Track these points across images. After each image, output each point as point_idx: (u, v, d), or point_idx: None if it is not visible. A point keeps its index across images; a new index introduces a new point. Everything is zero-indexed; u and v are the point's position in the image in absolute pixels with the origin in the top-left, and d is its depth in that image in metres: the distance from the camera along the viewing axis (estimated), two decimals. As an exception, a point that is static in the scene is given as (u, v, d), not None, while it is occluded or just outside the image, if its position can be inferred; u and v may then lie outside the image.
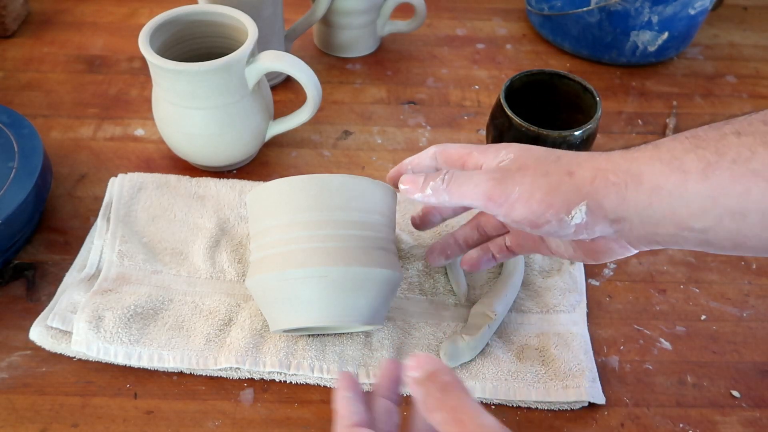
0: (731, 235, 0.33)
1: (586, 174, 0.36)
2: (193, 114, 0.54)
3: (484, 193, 0.37)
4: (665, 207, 0.34)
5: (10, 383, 0.45)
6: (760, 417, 0.46)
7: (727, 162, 0.32)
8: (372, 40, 0.75)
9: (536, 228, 0.37)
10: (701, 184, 0.33)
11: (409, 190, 0.39)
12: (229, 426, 0.44)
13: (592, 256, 0.40)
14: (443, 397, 0.31)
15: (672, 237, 0.35)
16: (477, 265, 0.48)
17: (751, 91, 0.73)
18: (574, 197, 0.35)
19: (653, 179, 0.34)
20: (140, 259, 0.51)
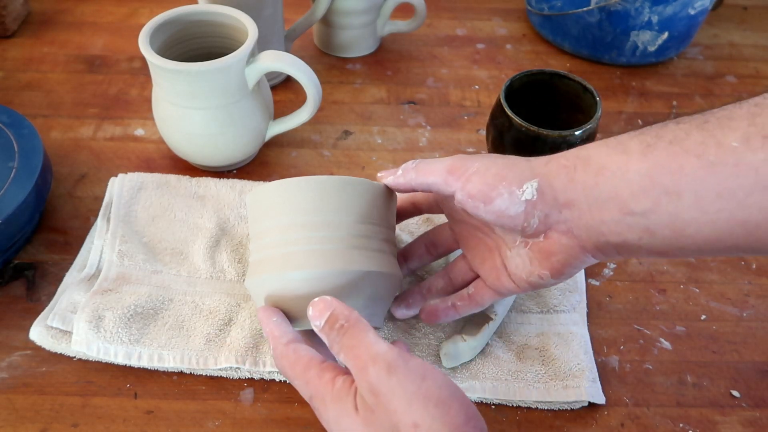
0: (670, 220, 0.34)
1: (542, 159, 0.39)
2: (193, 114, 0.54)
3: (446, 167, 0.39)
4: (609, 187, 0.35)
5: (10, 383, 0.45)
6: (760, 417, 0.46)
7: (664, 143, 0.34)
8: (372, 40, 0.75)
9: (489, 203, 0.38)
10: (640, 163, 0.35)
11: (384, 175, 0.42)
12: (229, 426, 0.44)
13: (548, 263, 0.39)
14: (342, 339, 0.34)
15: (616, 225, 0.36)
16: (435, 316, 0.46)
17: (751, 91, 0.73)
18: (527, 174, 0.38)
19: (599, 161, 0.36)
20: (140, 259, 0.51)
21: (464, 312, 0.45)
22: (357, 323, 0.34)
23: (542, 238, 0.39)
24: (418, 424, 0.30)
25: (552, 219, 0.38)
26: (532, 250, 0.40)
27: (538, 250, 0.39)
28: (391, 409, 0.31)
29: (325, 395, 0.34)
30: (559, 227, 0.38)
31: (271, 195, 0.42)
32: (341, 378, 0.35)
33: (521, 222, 0.38)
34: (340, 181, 0.41)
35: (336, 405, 0.34)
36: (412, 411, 0.31)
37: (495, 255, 0.43)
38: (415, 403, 0.31)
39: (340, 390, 0.34)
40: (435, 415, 0.31)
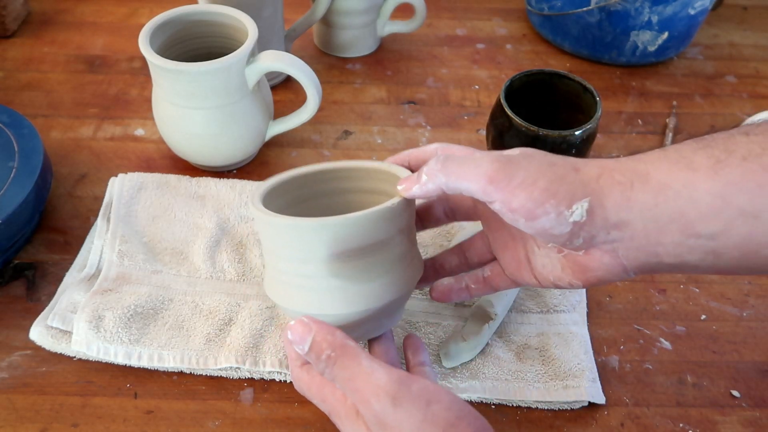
0: (741, 242, 0.32)
1: (593, 171, 0.34)
2: (193, 114, 0.54)
3: (486, 174, 0.34)
4: (672, 208, 0.32)
5: (11, 383, 0.45)
6: (760, 417, 0.46)
7: (737, 159, 0.31)
8: (372, 40, 0.75)
9: (532, 220, 0.34)
10: (711, 182, 0.31)
11: (406, 188, 0.37)
12: (229, 426, 0.44)
13: (582, 276, 0.37)
14: (332, 371, 0.33)
15: (676, 246, 0.33)
16: (447, 295, 0.43)
17: (751, 91, 0.73)
18: (578, 191, 0.33)
19: (660, 177, 0.33)
20: (140, 258, 0.51)
21: (476, 295, 0.43)
22: (344, 351, 0.33)
23: (582, 252, 0.36)
24: None
25: (598, 240, 0.34)
26: (566, 258, 0.37)
27: (574, 262, 0.36)
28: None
29: (340, 411, 0.34)
30: (604, 247, 0.35)
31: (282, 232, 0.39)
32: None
33: (564, 240, 0.35)
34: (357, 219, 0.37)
35: (350, 422, 0.34)
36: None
37: (519, 246, 0.40)
38: (425, 431, 0.30)
39: (351, 407, 0.34)
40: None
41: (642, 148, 0.66)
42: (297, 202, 0.45)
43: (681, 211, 0.32)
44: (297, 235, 0.38)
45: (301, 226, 0.37)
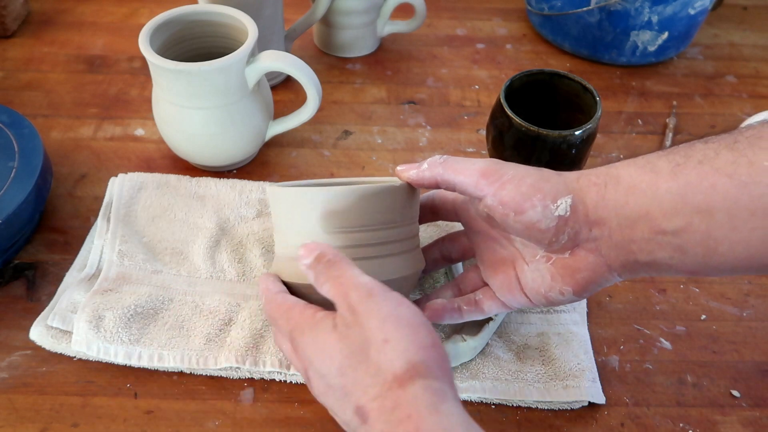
0: (702, 239, 0.34)
1: (572, 175, 0.39)
2: (193, 114, 0.54)
3: (479, 170, 0.39)
4: (640, 206, 0.36)
5: (11, 383, 0.45)
6: (760, 417, 0.46)
7: (693, 162, 0.35)
8: (372, 40, 0.75)
9: (521, 213, 0.37)
10: (671, 182, 0.35)
11: (404, 170, 0.41)
12: (229, 426, 0.44)
13: (571, 280, 0.39)
14: (327, 271, 0.36)
15: (647, 243, 0.36)
16: (440, 315, 0.45)
17: (751, 91, 0.73)
18: (561, 189, 0.38)
19: (629, 179, 0.37)
20: (140, 258, 0.51)
21: (467, 317, 0.45)
22: (343, 259, 0.36)
23: (568, 254, 0.39)
24: (389, 340, 0.32)
25: (581, 236, 0.38)
26: (555, 265, 0.40)
27: (563, 266, 0.39)
28: (366, 326, 0.33)
29: (304, 325, 0.36)
30: (587, 245, 0.38)
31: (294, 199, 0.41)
32: (322, 312, 0.36)
33: (550, 236, 0.38)
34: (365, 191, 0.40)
35: (313, 329, 0.35)
36: (384, 328, 0.32)
37: (509, 268, 0.42)
38: (389, 322, 0.33)
39: (320, 319, 0.35)
40: (404, 334, 0.32)
41: (642, 148, 0.66)
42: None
43: (647, 208, 0.36)
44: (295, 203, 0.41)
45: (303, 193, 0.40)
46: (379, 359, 0.32)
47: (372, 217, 0.40)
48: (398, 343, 0.32)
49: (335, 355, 0.33)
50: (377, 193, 0.40)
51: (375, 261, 0.41)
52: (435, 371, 0.32)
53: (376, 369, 0.32)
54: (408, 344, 0.32)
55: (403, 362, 0.31)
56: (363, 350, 0.32)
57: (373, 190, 0.40)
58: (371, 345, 0.32)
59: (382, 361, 0.32)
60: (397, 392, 0.31)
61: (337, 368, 0.33)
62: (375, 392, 0.32)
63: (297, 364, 0.37)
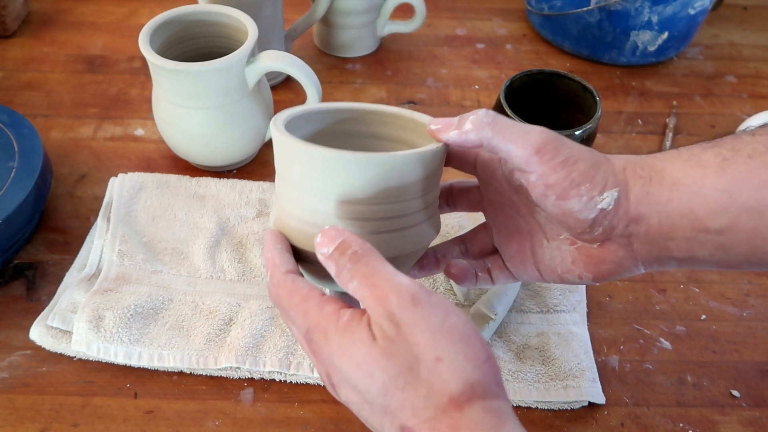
0: (748, 237, 0.33)
1: (619, 162, 0.36)
2: (193, 114, 0.54)
3: (535, 143, 0.34)
4: (683, 203, 0.34)
5: (11, 383, 0.45)
6: (760, 417, 0.46)
7: (743, 157, 0.33)
8: (372, 40, 0.75)
9: (564, 199, 0.34)
10: (718, 179, 0.33)
11: (441, 129, 0.36)
12: (229, 426, 0.44)
13: (594, 269, 0.37)
14: (354, 267, 0.31)
15: (687, 242, 0.34)
16: (464, 276, 0.42)
17: (751, 91, 0.73)
18: (610, 179, 0.35)
19: (674, 174, 0.34)
20: (140, 258, 0.51)
21: (480, 284, 0.43)
22: (371, 252, 0.31)
23: (596, 245, 0.37)
24: (442, 358, 0.29)
25: (616, 231, 0.35)
26: (579, 251, 0.37)
27: (587, 254, 0.37)
28: (414, 341, 0.29)
29: (328, 327, 0.31)
30: (619, 240, 0.36)
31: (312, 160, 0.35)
32: (348, 311, 0.32)
33: (585, 227, 0.35)
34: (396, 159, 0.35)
35: (344, 335, 0.31)
36: (436, 344, 0.29)
37: (525, 240, 0.40)
38: (440, 336, 0.29)
39: (349, 321, 0.31)
40: (459, 350, 0.29)
41: (642, 148, 0.66)
42: (314, 138, 0.42)
43: (691, 206, 0.33)
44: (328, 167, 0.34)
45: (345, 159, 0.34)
46: (431, 379, 0.29)
47: (400, 187, 0.35)
48: (453, 362, 0.29)
49: (376, 373, 0.29)
50: (410, 160, 0.35)
51: (400, 233, 0.36)
52: (493, 389, 0.29)
53: (427, 390, 0.29)
54: (464, 362, 0.29)
55: (460, 383, 0.28)
56: (411, 369, 0.29)
57: (407, 157, 0.35)
58: (421, 363, 0.29)
59: (435, 382, 0.29)
60: (453, 415, 0.28)
61: (380, 387, 0.29)
62: (427, 415, 0.29)
63: (315, 362, 0.34)
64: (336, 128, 0.42)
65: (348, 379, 0.31)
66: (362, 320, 0.31)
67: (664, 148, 0.65)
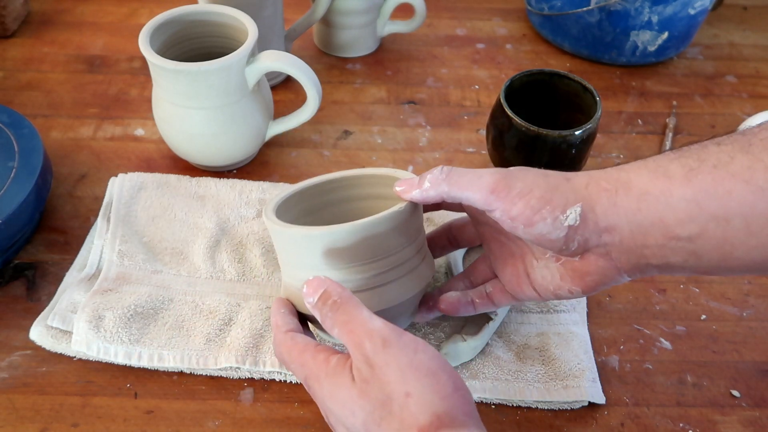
0: (717, 244, 0.34)
1: (581, 180, 0.38)
2: (193, 114, 0.54)
3: (488, 185, 0.37)
4: (653, 213, 0.35)
5: (11, 383, 0.45)
6: (760, 417, 0.46)
7: (708, 167, 0.34)
8: (372, 40, 0.75)
9: (530, 226, 0.37)
10: (685, 188, 0.34)
11: (405, 190, 0.39)
12: (229, 426, 0.44)
13: (581, 282, 0.39)
14: (335, 315, 0.35)
15: (660, 249, 0.35)
16: (456, 308, 0.44)
17: (751, 91, 0.73)
18: (570, 198, 0.37)
19: (641, 185, 0.36)
20: (140, 258, 0.51)
21: (480, 309, 0.45)
22: (349, 300, 0.35)
23: (578, 258, 0.38)
24: (410, 393, 0.32)
25: (591, 243, 0.37)
26: (564, 266, 0.39)
27: (572, 268, 0.39)
28: (385, 380, 0.32)
29: (320, 373, 0.35)
30: (597, 250, 0.37)
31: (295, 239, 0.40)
32: (335, 357, 0.35)
33: (560, 245, 0.37)
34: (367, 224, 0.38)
35: (331, 380, 0.34)
36: (405, 381, 0.32)
37: (518, 262, 0.42)
38: (408, 374, 0.32)
39: (335, 367, 0.34)
40: (426, 384, 0.32)
41: (642, 148, 0.66)
42: (307, 213, 0.47)
43: (660, 215, 0.35)
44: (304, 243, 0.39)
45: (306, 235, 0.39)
46: (402, 414, 0.31)
47: (379, 246, 0.39)
48: (420, 396, 0.31)
49: (357, 412, 0.33)
50: (381, 222, 0.38)
51: (389, 286, 0.40)
52: (460, 418, 0.31)
53: (399, 424, 0.31)
54: (431, 395, 0.31)
55: (428, 415, 0.31)
56: (385, 406, 0.32)
57: (376, 221, 0.38)
58: (393, 400, 0.32)
59: (406, 416, 0.31)
60: None
61: (362, 424, 0.33)
62: None
63: (318, 404, 0.37)
64: (328, 198, 0.48)
65: (339, 418, 0.34)
66: (346, 365, 0.34)
67: (664, 148, 0.65)
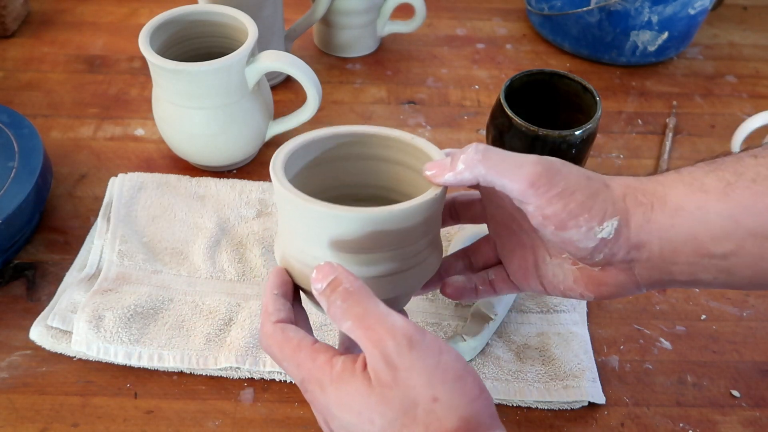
0: (753, 261, 0.33)
1: (619, 189, 0.35)
2: (193, 114, 0.54)
3: (528, 177, 0.34)
4: (686, 229, 0.33)
5: (11, 383, 0.45)
6: (760, 417, 0.46)
7: (746, 181, 0.33)
8: (372, 40, 0.75)
9: (562, 230, 0.34)
10: (722, 204, 0.33)
11: (436, 174, 0.36)
12: (229, 426, 0.44)
13: (595, 290, 0.37)
14: (344, 305, 0.31)
15: (690, 266, 0.34)
16: (460, 293, 0.43)
17: (751, 91, 0.73)
18: (609, 209, 0.34)
19: (676, 200, 0.34)
20: (140, 258, 0.51)
21: (482, 296, 0.43)
22: (362, 290, 0.32)
23: (598, 269, 0.37)
24: (438, 398, 0.30)
25: (617, 257, 0.35)
26: (580, 271, 0.37)
27: (588, 275, 0.37)
28: (411, 384, 0.30)
29: (323, 378, 0.32)
30: (621, 265, 0.36)
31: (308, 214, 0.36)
32: (340, 359, 0.32)
33: (586, 254, 0.35)
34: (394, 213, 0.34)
35: (339, 386, 0.31)
36: (432, 385, 0.30)
37: (528, 254, 0.40)
38: (435, 377, 0.30)
39: (342, 372, 0.31)
40: (454, 388, 0.30)
41: (642, 148, 0.66)
42: (316, 164, 0.43)
43: (694, 232, 0.33)
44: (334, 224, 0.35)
45: (341, 216, 0.34)
46: (427, 420, 0.30)
47: (403, 235, 0.35)
48: (449, 401, 0.30)
49: (376, 419, 0.30)
50: (411, 212, 0.35)
51: (404, 274, 0.37)
52: (486, 421, 0.30)
53: (424, 429, 0.30)
54: (459, 399, 0.30)
55: (455, 420, 0.29)
56: (409, 413, 0.30)
57: (407, 211, 0.34)
58: (419, 406, 0.30)
59: (431, 421, 0.30)
60: None
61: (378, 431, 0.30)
62: None
63: (313, 409, 0.35)
64: (338, 152, 0.43)
65: (348, 427, 0.32)
66: (356, 367, 0.31)
67: (664, 148, 0.65)
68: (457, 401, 0.30)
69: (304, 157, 0.42)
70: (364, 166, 0.44)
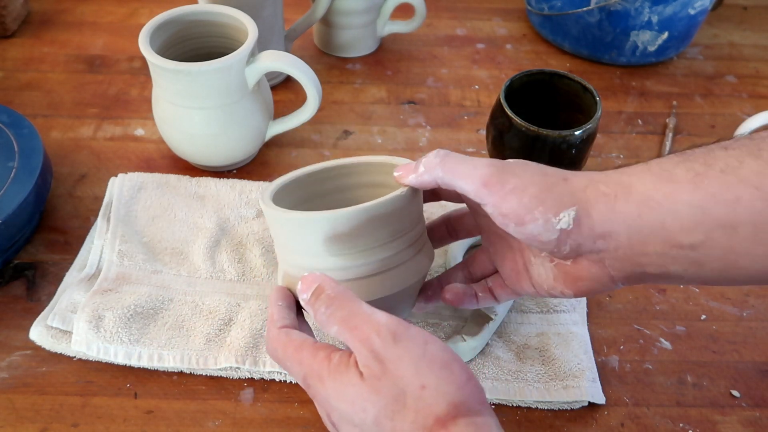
0: (722, 253, 0.33)
1: (580, 182, 0.36)
2: (193, 114, 0.54)
3: (481, 177, 0.36)
4: (654, 219, 0.34)
5: (11, 383, 0.45)
6: (760, 417, 0.46)
7: (715, 171, 0.33)
8: (372, 40, 0.75)
9: (521, 225, 0.35)
10: (691, 194, 0.33)
11: (402, 175, 0.39)
12: (229, 426, 0.44)
13: (572, 286, 0.38)
14: (329, 310, 0.34)
15: (659, 257, 0.34)
16: (460, 299, 0.44)
17: (751, 91, 0.73)
18: (566, 200, 0.35)
19: (643, 190, 0.34)
20: (140, 258, 0.51)
21: (483, 303, 0.44)
22: (344, 294, 0.34)
23: (570, 262, 0.37)
24: (426, 386, 0.31)
25: (584, 248, 0.36)
26: (557, 268, 0.38)
27: (564, 271, 0.38)
28: (398, 375, 0.31)
29: (322, 372, 0.34)
30: (590, 256, 0.36)
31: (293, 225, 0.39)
32: (337, 354, 0.34)
33: (552, 247, 0.36)
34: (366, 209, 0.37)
35: (336, 378, 0.33)
36: (419, 374, 0.31)
37: (518, 257, 0.41)
38: (422, 366, 0.31)
39: (338, 365, 0.33)
40: (441, 376, 0.31)
41: (642, 148, 0.66)
42: (304, 201, 0.46)
43: (663, 222, 0.33)
44: (304, 229, 0.38)
45: (306, 219, 0.38)
46: (417, 406, 0.31)
47: (380, 232, 0.38)
48: (437, 387, 0.31)
49: (368, 407, 0.32)
50: (381, 206, 0.37)
51: (389, 273, 0.39)
52: (475, 406, 0.31)
53: (414, 415, 0.31)
54: (446, 386, 0.31)
55: (444, 405, 0.31)
56: (399, 400, 0.31)
57: (376, 205, 0.37)
58: (407, 394, 0.31)
59: (421, 407, 0.31)
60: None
61: (373, 419, 0.32)
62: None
63: (316, 404, 0.36)
64: (327, 186, 0.47)
65: (345, 417, 0.33)
66: (350, 361, 0.33)
67: (664, 148, 0.65)
68: (445, 388, 0.31)
69: (293, 193, 0.45)
70: (352, 196, 0.47)
